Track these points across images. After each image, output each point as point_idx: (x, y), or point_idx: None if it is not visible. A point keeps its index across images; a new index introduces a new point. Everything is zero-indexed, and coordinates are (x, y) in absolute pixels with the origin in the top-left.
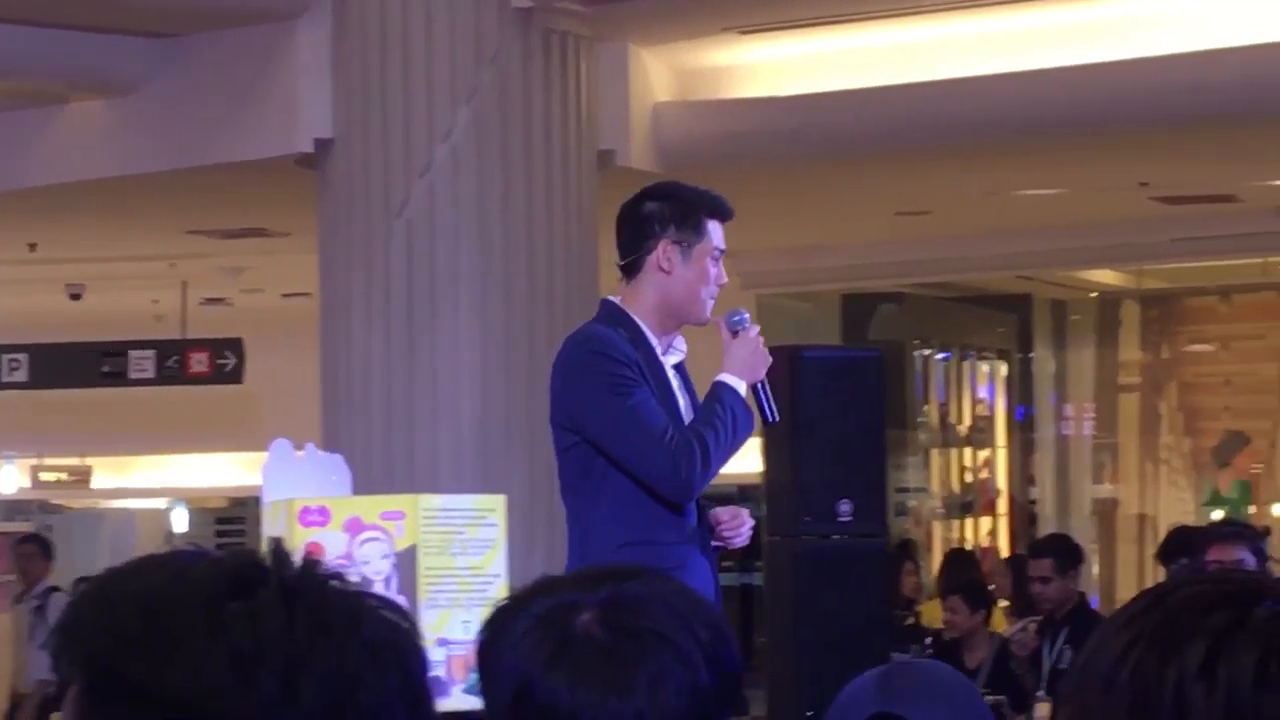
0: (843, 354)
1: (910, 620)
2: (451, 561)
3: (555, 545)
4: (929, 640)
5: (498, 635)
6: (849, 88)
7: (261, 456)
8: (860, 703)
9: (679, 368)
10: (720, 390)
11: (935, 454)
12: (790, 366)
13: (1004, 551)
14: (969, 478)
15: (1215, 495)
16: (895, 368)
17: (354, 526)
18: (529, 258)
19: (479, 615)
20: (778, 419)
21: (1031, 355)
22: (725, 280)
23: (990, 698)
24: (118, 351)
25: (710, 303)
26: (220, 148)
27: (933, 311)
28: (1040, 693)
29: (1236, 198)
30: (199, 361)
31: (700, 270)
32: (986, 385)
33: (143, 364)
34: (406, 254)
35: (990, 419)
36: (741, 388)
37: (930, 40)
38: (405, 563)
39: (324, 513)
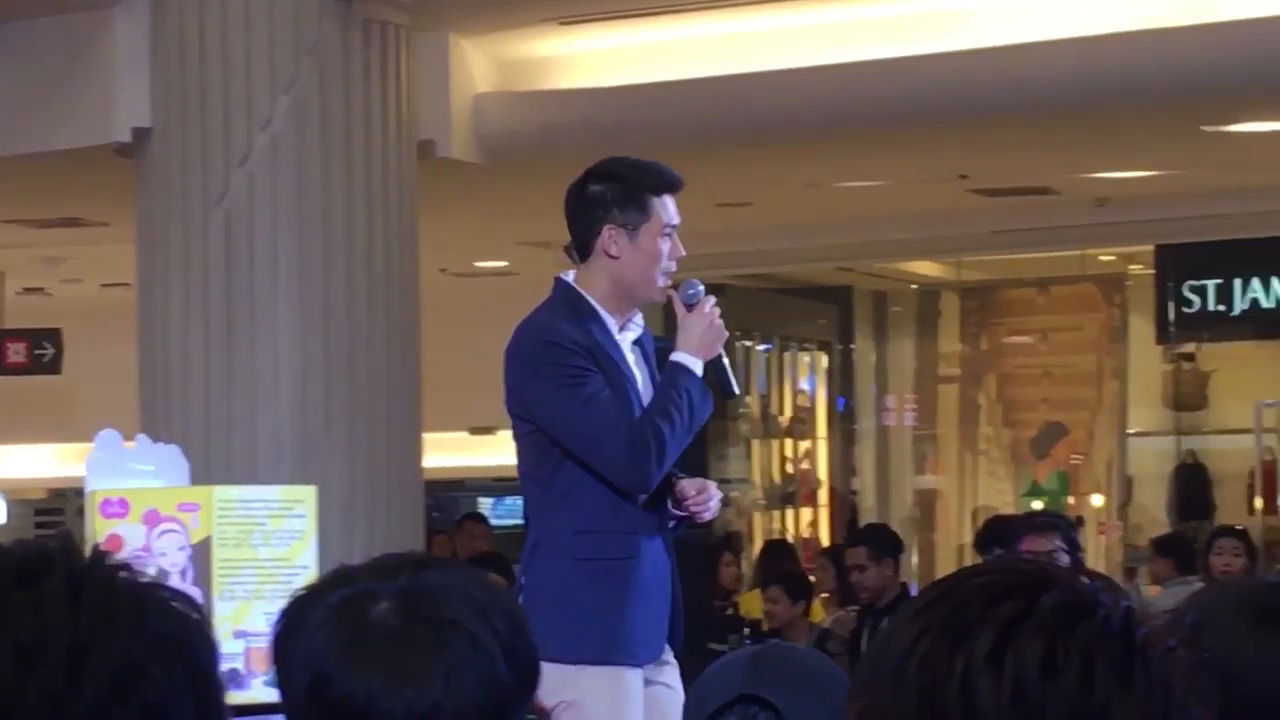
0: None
1: (729, 610)
2: (253, 553)
3: (374, 536)
4: (747, 630)
5: (293, 626)
6: (670, 79)
7: (81, 447)
8: (728, 683)
9: (639, 342)
10: (675, 373)
11: (756, 445)
12: None
13: (825, 542)
14: (790, 469)
15: (1034, 486)
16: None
17: (152, 519)
18: (348, 247)
19: None
20: (738, 392)
21: (852, 346)
22: (682, 253)
23: None
24: None
25: (664, 280)
26: (37, 137)
27: (754, 303)
28: None
29: (1054, 190)
30: (16, 352)
31: (650, 250)
32: (808, 376)
33: None
34: (225, 243)
35: (811, 410)
36: (698, 366)
37: (751, 32)
38: (200, 555)
39: (124, 504)
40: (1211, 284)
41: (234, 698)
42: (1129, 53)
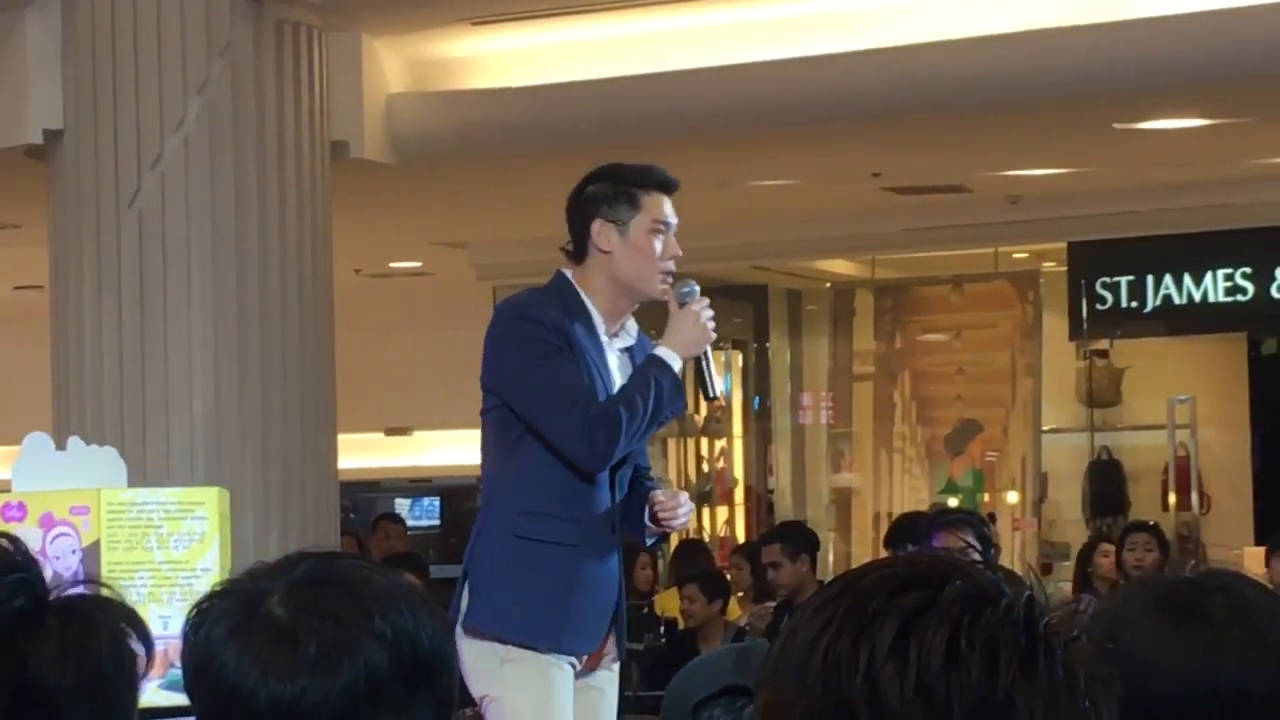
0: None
1: (645, 609)
2: (148, 556)
3: (289, 537)
4: (663, 629)
5: (201, 619)
6: (582, 79)
7: (3, 450)
8: (715, 674)
9: (630, 353)
10: (650, 363)
11: (672, 444)
12: None
13: (741, 541)
14: (706, 467)
15: (949, 483)
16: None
17: (47, 522)
18: (262, 248)
19: (182, 610)
20: (717, 395)
21: (768, 345)
22: (678, 253)
23: None
24: None
25: (662, 278)
26: None
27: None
28: None
29: (966, 188)
30: None
31: (641, 245)
32: (723, 375)
33: None
34: (138, 245)
35: (727, 409)
36: (676, 362)
37: (662, 32)
38: (91, 557)
39: (22, 508)
40: (1124, 281)
41: None
42: (1040, 50)
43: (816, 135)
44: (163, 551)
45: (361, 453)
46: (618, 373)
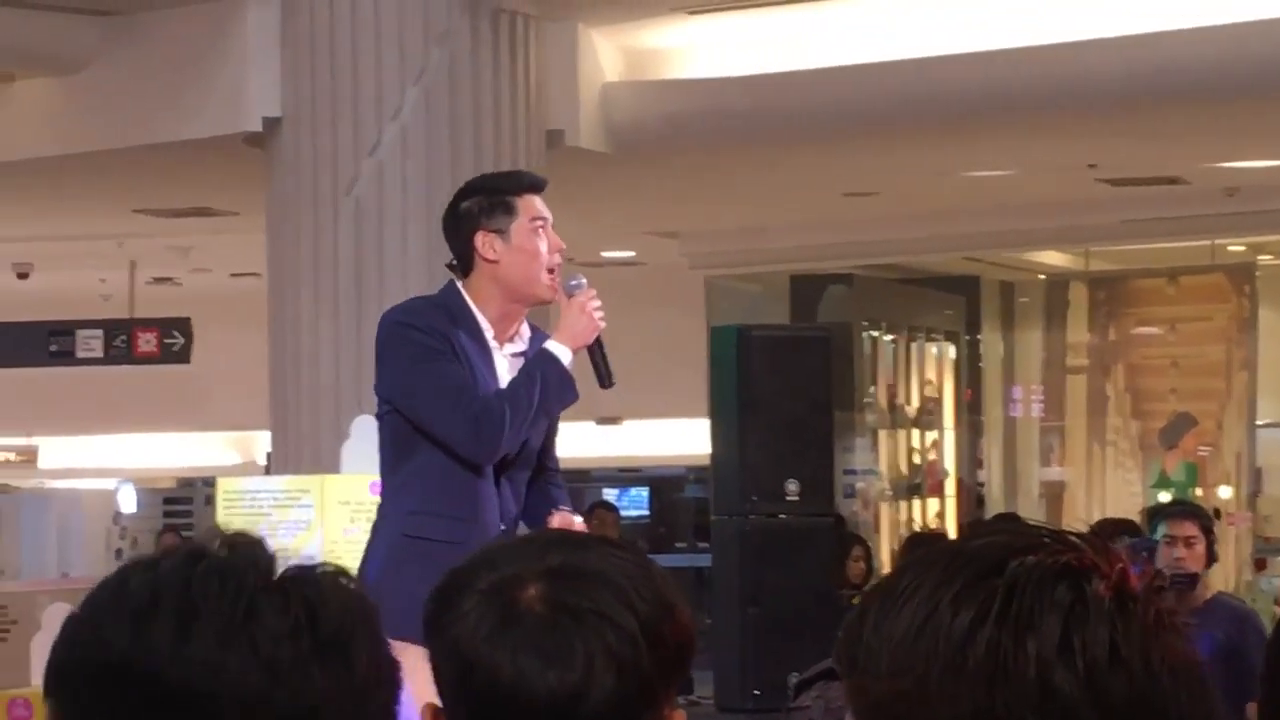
0: (790, 333)
1: (855, 599)
2: None
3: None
4: None
5: (443, 610)
6: (797, 68)
7: (210, 436)
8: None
9: (525, 357)
10: (537, 358)
11: (883, 435)
12: (738, 346)
13: (952, 534)
14: (917, 459)
15: (1162, 477)
16: (843, 349)
17: None
18: None
19: None
20: (613, 384)
21: (979, 337)
22: (561, 245)
23: None
24: (65, 331)
25: (548, 278)
26: (168, 126)
27: (881, 293)
28: None
29: (1183, 179)
30: (147, 341)
31: (526, 246)
32: (934, 367)
33: (90, 343)
34: (355, 233)
35: (938, 400)
36: (564, 354)
37: (878, 20)
38: None
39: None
40: None
41: None
42: (1260, 41)
43: (1033, 125)
44: (273, 539)
45: (572, 441)
46: (508, 378)
